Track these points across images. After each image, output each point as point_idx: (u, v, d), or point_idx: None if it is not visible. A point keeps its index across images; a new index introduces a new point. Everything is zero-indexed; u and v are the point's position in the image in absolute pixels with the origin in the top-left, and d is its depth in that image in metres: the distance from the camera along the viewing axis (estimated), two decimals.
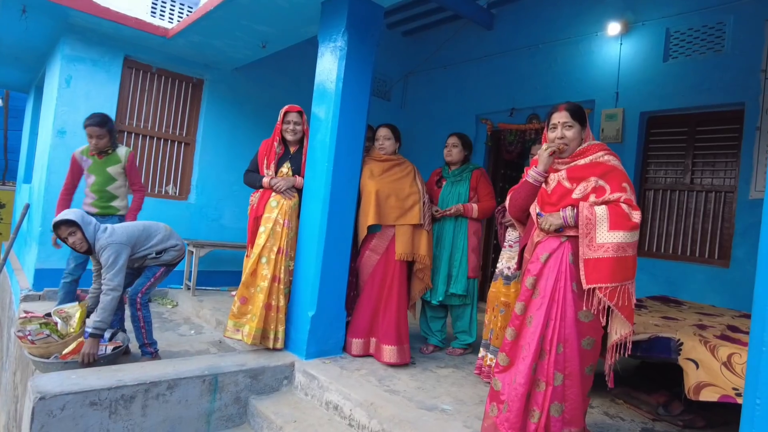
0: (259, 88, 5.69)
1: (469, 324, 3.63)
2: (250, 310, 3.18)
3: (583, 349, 2.14)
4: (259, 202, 3.30)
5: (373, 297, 3.28)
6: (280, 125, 3.34)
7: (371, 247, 3.34)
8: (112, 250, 2.95)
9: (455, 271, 3.55)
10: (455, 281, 3.54)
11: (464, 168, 3.73)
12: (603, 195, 2.14)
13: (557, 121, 2.28)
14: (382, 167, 3.42)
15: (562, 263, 2.18)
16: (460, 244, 3.57)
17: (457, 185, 3.69)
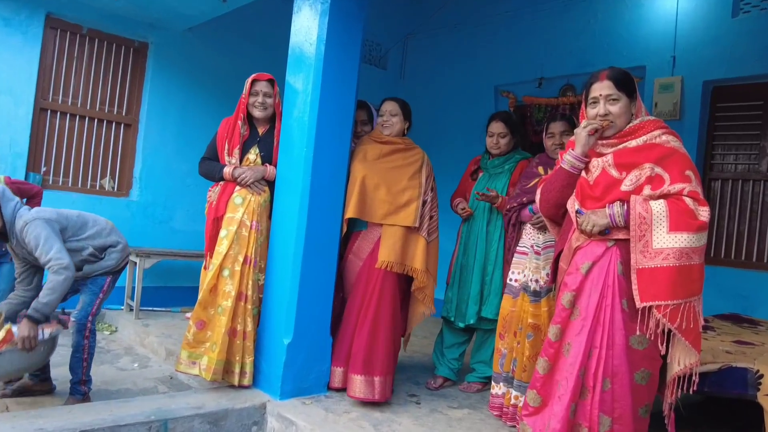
0: (218, 54, 5.67)
1: (493, 353, 3.57)
2: (210, 338, 3.15)
3: (636, 384, 2.11)
4: (219, 198, 3.27)
5: (353, 313, 3.26)
6: (245, 99, 3.32)
7: (354, 249, 3.33)
8: (38, 225, 2.90)
9: (488, 288, 3.54)
10: (488, 301, 3.52)
11: (508, 158, 3.68)
12: (661, 186, 2.13)
13: (598, 93, 2.26)
14: (379, 150, 3.40)
15: (609, 274, 2.16)
16: (494, 252, 3.54)
17: (494, 179, 3.66)
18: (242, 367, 3.17)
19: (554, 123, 3.19)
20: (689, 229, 2.04)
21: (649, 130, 2.23)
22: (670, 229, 2.05)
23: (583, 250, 2.24)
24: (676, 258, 2.03)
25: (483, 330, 3.62)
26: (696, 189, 2.11)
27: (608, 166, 2.23)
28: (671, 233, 2.04)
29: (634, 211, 2.10)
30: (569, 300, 2.21)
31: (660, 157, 2.16)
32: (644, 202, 2.10)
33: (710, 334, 3.16)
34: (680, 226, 2.04)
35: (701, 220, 2.06)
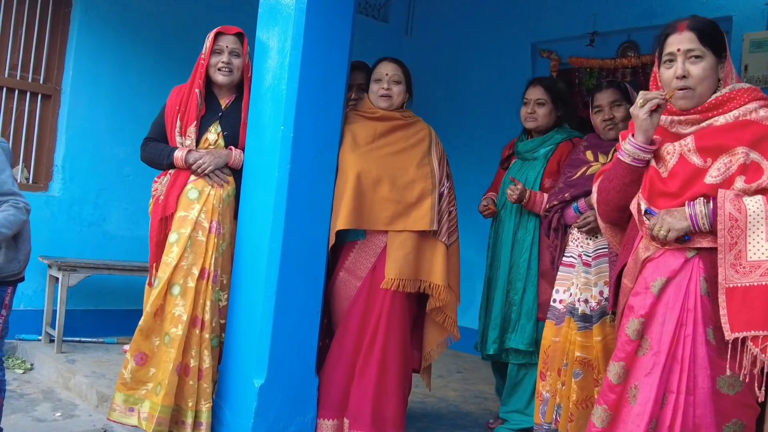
0: (165, 4, 5.62)
1: (530, 397, 3.61)
2: (153, 376, 3.14)
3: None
4: (168, 191, 3.27)
5: (348, 349, 3.28)
6: (205, 60, 3.32)
7: (348, 265, 3.34)
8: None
9: (516, 311, 3.56)
10: (516, 327, 3.55)
11: (546, 138, 3.70)
12: (758, 177, 2.12)
13: (676, 48, 2.26)
14: (373, 129, 3.41)
15: (689, 295, 2.16)
16: (524, 264, 3.56)
17: (528, 167, 3.69)
18: (196, 417, 3.15)
19: (600, 93, 3.23)
20: None
21: (743, 101, 2.22)
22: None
23: (655, 263, 2.23)
24: None
25: (516, 365, 3.63)
26: None
27: (688, 151, 2.22)
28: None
29: (723, 211, 2.08)
30: (636, 329, 2.21)
31: (756, 139, 2.14)
32: (736, 198, 2.09)
33: None
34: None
35: None
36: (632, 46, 5.36)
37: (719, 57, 2.27)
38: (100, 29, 5.44)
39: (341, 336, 3.31)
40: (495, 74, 6.18)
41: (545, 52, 5.89)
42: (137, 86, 5.55)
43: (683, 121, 2.27)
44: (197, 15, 5.54)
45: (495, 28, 6.24)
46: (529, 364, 3.57)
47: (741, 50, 4.71)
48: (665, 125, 2.31)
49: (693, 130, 2.24)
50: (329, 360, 3.32)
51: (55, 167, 5.38)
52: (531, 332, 3.51)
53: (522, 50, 6.02)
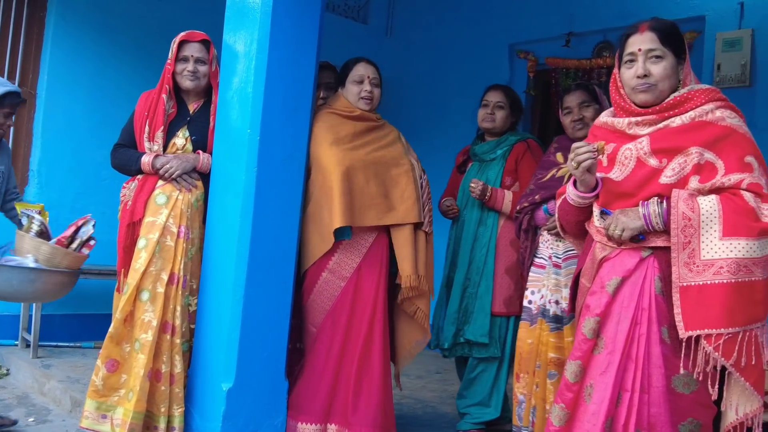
0: (144, 6, 5.61)
1: (491, 390, 3.70)
2: (125, 383, 3.13)
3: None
4: (136, 197, 3.27)
5: (335, 352, 3.29)
6: (171, 66, 3.33)
7: (331, 266, 3.33)
8: None
9: (471, 303, 3.66)
10: (471, 319, 3.64)
11: (503, 140, 3.83)
12: (712, 177, 2.14)
13: (637, 47, 2.28)
14: (353, 128, 3.44)
15: (644, 295, 2.17)
16: (482, 258, 3.66)
17: (487, 167, 3.81)
18: (169, 421, 3.15)
19: (569, 95, 3.29)
20: (749, 234, 2.04)
21: (700, 102, 2.23)
22: (723, 234, 2.05)
23: (611, 263, 2.24)
24: (732, 272, 2.03)
25: (475, 359, 3.71)
26: (759, 181, 2.11)
27: (644, 154, 2.24)
28: (725, 239, 2.05)
29: (677, 210, 2.10)
30: (592, 328, 2.22)
31: (712, 140, 2.16)
32: (690, 198, 2.11)
33: None
34: (737, 229, 2.05)
35: (765, 221, 2.06)
36: (608, 46, 5.39)
37: (679, 58, 2.29)
38: (77, 33, 5.42)
39: (327, 338, 3.31)
40: (474, 75, 6.17)
41: (523, 52, 5.92)
42: (115, 90, 5.52)
43: (640, 122, 2.28)
44: (177, 18, 5.45)
45: (474, 29, 6.26)
46: (487, 358, 3.66)
47: (714, 49, 4.78)
48: (623, 127, 2.32)
49: (650, 131, 2.25)
50: (312, 362, 3.32)
51: (31, 172, 5.35)
52: (485, 324, 3.59)
53: (500, 51, 6.05)
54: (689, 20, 4.90)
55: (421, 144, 4.17)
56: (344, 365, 3.30)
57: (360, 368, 3.27)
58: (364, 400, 3.24)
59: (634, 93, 2.28)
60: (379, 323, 3.32)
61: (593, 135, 2.46)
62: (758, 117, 4.59)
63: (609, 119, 2.40)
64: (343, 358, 3.30)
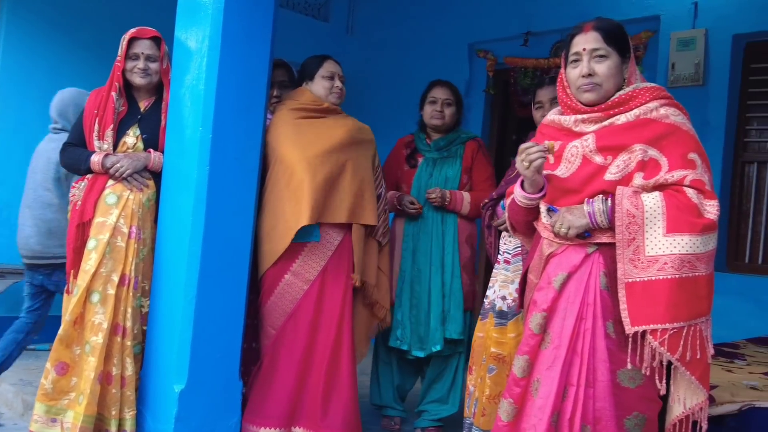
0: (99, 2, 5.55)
1: (451, 386, 3.76)
2: (75, 386, 3.11)
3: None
4: (85, 197, 3.23)
5: (298, 356, 3.28)
6: (121, 63, 3.30)
7: (294, 268, 3.32)
8: None
9: (451, 302, 3.69)
10: (451, 318, 3.67)
11: (454, 137, 3.86)
12: (656, 174, 2.16)
13: (581, 47, 2.30)
14: (320, 123, 3.44)
15: (589, 290, 2.18)
16: (449, 258, 3.70)
17: (443, 164, 3.83)
18: (120, 425, 3.12)
19: (542, 90, 3.27)
20: (692, 230, 2.07)
21: (645, 100, 2.26)
22: (667, 231, 2.08)
23: (557, 259, 2.26)
24: (676, 268, 2.06)
25: (442, 357, 3.76)
26: (701, 177, 2.14)
27: (590, 152, 2.25)
28: (669, 236, 2.07)
29: (621, 208, 2.12)
30: (539, 323, 2.23)
31: (655, 137, 2.18)
32: (634, 195, 2.13)
33: (736, 365, 3.23)
34: (680, 226, 2.07)
35: (708, 218, 2.09)
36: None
37: (624, 57, 2.31)
38: (30, 29, 5.35)
39: (289, 341, 3.29)
40: (434, 73, 6.06)
41: (482, 51, 5.96)
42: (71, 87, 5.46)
43: (586, 120, 2.29)
44: (134, 15, 5.33)
45: (434, 28, 6.29)
46: (452, 354, 3.74)
47: (668, 49, 4.85)
48: (569, 125, 2.34)
49: (596, 128, 2.27)
50: (273, 365, 3.30)
51: None
52: (461, 322, 3.66)
53: (460, 50, 6.08)
54: (644, 20, 4.99)
55: (382, 142, 4.17)
56: (311, 369, 3.29)
57: (329, 372, 3.27)
58: (334, 403, 3.25)
59: (579, 92, 2.30)
60: (347, 325, 3.32)
61: (541, 134, 2.48)
62: (711, 115, 4.70)
63: (556, 117, 2.42)
64: (310, 361, 3.29)
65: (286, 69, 3.74)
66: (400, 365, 3.85)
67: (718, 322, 4.28)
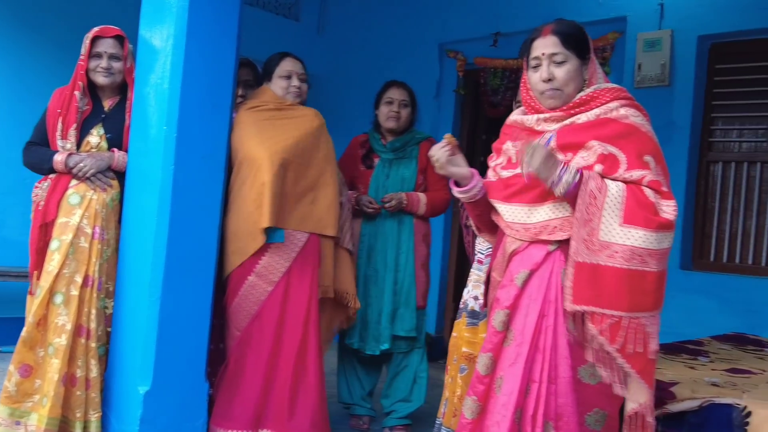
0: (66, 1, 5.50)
1: (413, 383, 3.79)
2: (39, 388, 3.10)
3: (586, 430, 2.15)
4: (48, 197, 3.22)
5: (264, 358, 3.27)
6: (84, 62, 3.28)
7: (258, 270, 3.30)
8: None
9: (401, 300, 3.74)
10: (400, 316, 3.73)
11: (408, 138, 3.90)
12: (616, 170, 2.17)
13: (541, 52, 2.31)
14: (282, 122, 3.43)
15: (551, 287, 2.20)
16: (404, 258, 3.75)
17: (399, 165, 3.86)
18: (85, 427, 3.12)
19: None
20: (647, 226, 2.07)
21: (605, 101, 2.26)
22: (623, 221, 2.08)
23: (520, 257, 2.27)
24: (626, 259, 2.07)
25: (400, 354, 3.81)
26: (658, 178, 2.15)
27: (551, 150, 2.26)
28: (624, 226, 2.08)
29: (586, 187, 2.11)
30: (502, 320, 2.24)
31: (613, 135, 2.19)
32: (600, 178, 2.14)
33: (702, 361, 3.26)
34: (637, 219, 2.08)
35: (665, 217, 2.10)
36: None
37: (583, 59, 2.32)
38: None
39: (255, 342, 3.28)
40: (404, 73, 6.10)
41: (452, 52, 6.00)
42: (36, 86, 5.34)
43: (548, 119, 2.31)
44: (99, 13, 5.32)
45: (404, 27, 6.32)
46: (410, 351, 3.79)
47: (635, 50, 4.91)
48: (531, 124, 2.35)
49: (557, 127, 2.28)
50: (239, 368, 3.28)
51: None
52: (413, 319, 3.72)
53: (430, 50, 6.13)
54: (612, 21, 5.05)
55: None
56: (278, 370, 3.28)
57: (296, 373, 3.27)
58: (301, 404, 3.25)
59: (543, 98, 2.32)
60: (314, 326, 3.32)
61: (504, 134, 2.49)
62: (676, 115, 4.77)
63: (519, 117, 2.43)
64: (276, 363, 3.28)
65: (251, 68, 3.75)
66: (363, 363, 3.91)
67: (683, 319, 4.45)
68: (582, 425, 2.13)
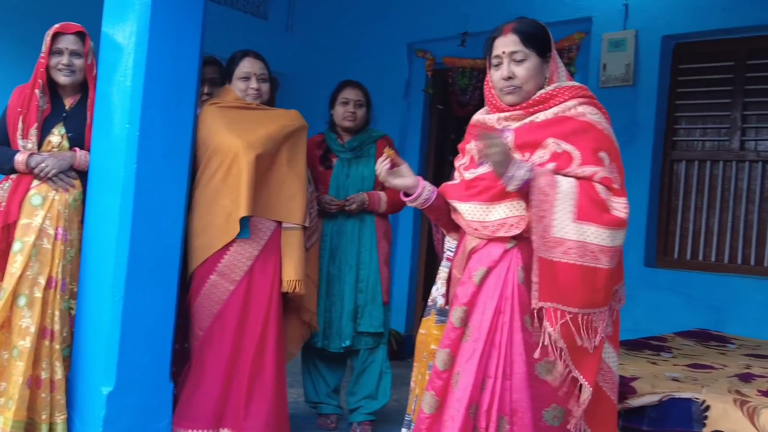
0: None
1: (379, 379, 3.83)
2: (4, 391, 3.08)
3: (544, 425, 2.17)
4: (10, 198, 3.19)
5: (225, 357, 3.27)
6: (45, 59, 3.26)
7: (220, 269, 3.30)
8: None
9: (365, 297, 3.80)
10: (366, 313, 3.77)
11: (365, 137, 3.96)
12: (568, 165, 2.20)
13: (501, 50, 2.34)
14: (249, 116, 3.44)
15: (507, 284, 2.22)
16: (367, 255, 3.81)
17: (357, 164, 3.91)
18: (51, 429, 3.11)
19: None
20: (598, 222, 2.11)
21: (564, 99, 2.29)
22: (577, 218, 2.12)
23: (478, 254, 2.30)
24: (579, 255, 2.10)
25: (366, 351, 3.84)
26: (610, 175, 2.18)
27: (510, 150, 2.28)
28: (577, 222, 2.11)
29: (537, 184, 2.14)
30: (460, 317, 2.27)
31: (569, 132, 2.22)
32: (551, 175, 2.16)
33: (664, 357, 3.31)
34: (589, 215, 2.11)
35: (616, 215, 2.14)
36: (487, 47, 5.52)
37: (543, 57, 2.35)
38: None
39: (216, 342, 3.28)
40: (373, 72, 6.19)
41: (421, 51, 6.05)
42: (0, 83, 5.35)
43: (509, 117, 2.33)
44: (65, 8, 5.24)
45: (373, 27, 6.35)
46: (375, 346, 3.84)
47: (600, 50, 4.98)
48: (493, 123, 2.38)
49: (517, 126, 2.31)
50: (201, 368, 3.29)
51: None
52: (380, 315, 3.77)
53: (399, 50, 6.17)
54: (577, 21, 5.12)
55: None
56: (237, 370, 3.29)
57: (252, 373, 3.27)
58: (255, 404, 3.25)
59: (502, 94, 2.35)
60: (273, 325, 3.32)
61: (469, 133, 2.52)
62: (641, 114, 4.85)
63: (482, 117, 2.46)
64: (236, 362, 3.29)
65: (217, 66, 3.74)
66: (326, 361, 3.93)
67: (648, 316, 4.51)
68: (539, 421, 2.16)
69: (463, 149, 2.51)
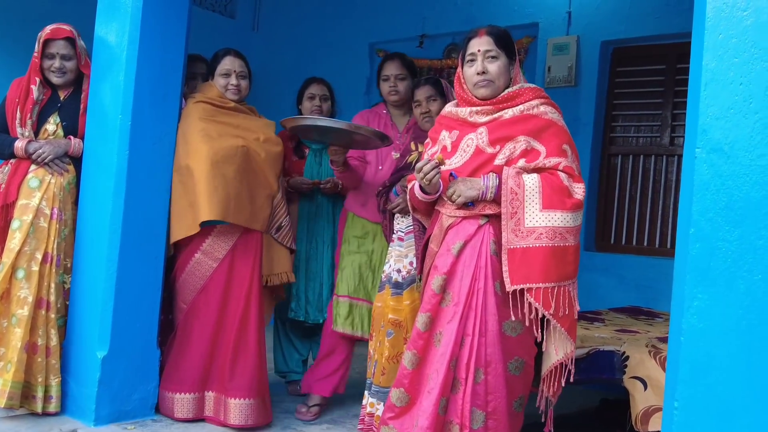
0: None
1: None
2: (3, 355, 3.21)
3: (510, 375, 2.45)
4: (9, 180, 3.32)
5: (209, 328, 3.39)
6: (38, 60, 3.37)
7: (204, 248, 3.41)
8: None
9: None
10: None
11: None
12: (536, 159, 2.49)
13: (476, 49, 2.59)
14: (226, 118, 3.51)
15: (482, 255, 2.48)
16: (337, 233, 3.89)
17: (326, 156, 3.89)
18: (46, 391, 3.27)
19: (418, 89, 3.42)
20: (563, 207, 2.41)
21: (528, 98, 2.58)
22: (543, 207, 2.41)
23: (455, 229, 2.55)
24: (550, 238, 2.40)
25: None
26: (571, 165, 2.49)
27: (482, 143, 2.55)
28: (545, 211, 2.41)
29: (506, 186, 2.42)
30: (440, 285, 2.50)
31: (536, 130, 2.51)
32: (517, 175, 2.44)
33: (597, 325, 3.55)
34: (554, 203, 2.41)
35: (576, 198, 2.44)
36: (456, 48, 5.51)
37: (511, 59, 2.63)
38: None
39: (201, 314, 3.39)
40: (336, 71, 6.09)
41: (381, 51, 6.09)
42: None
43: (480, 112, 2.59)
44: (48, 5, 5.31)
45: (336, 26, 6.40)
46: None
47: (546, 53, 5.20)
48: (465, 116, 2.62)
49: (487, 120, 2.56)
50: (186, 338, 3.39)
51: None
52: None
53: (361, 49, 6.24)
54: (525, 26, 5.35)
55: None
56: (221, 339, 3.39)
57: (237, 341, 3.37)
58: (240, 368, 3.35)
59: (476, 88, 2.59)
60: (255, 299, 3.42)
61: (439, 123, 2.75)
62: (582, 113, 5.11)
63: (453, 109, 2.70)
64: (220, 332, 3.39)
65: (205, 62, 3.81)
66: (297, 334, 4.09)
67: (585, 295, 4.73)
68: (506, 371, 2.44)
69: (435, 138, 2.73)
